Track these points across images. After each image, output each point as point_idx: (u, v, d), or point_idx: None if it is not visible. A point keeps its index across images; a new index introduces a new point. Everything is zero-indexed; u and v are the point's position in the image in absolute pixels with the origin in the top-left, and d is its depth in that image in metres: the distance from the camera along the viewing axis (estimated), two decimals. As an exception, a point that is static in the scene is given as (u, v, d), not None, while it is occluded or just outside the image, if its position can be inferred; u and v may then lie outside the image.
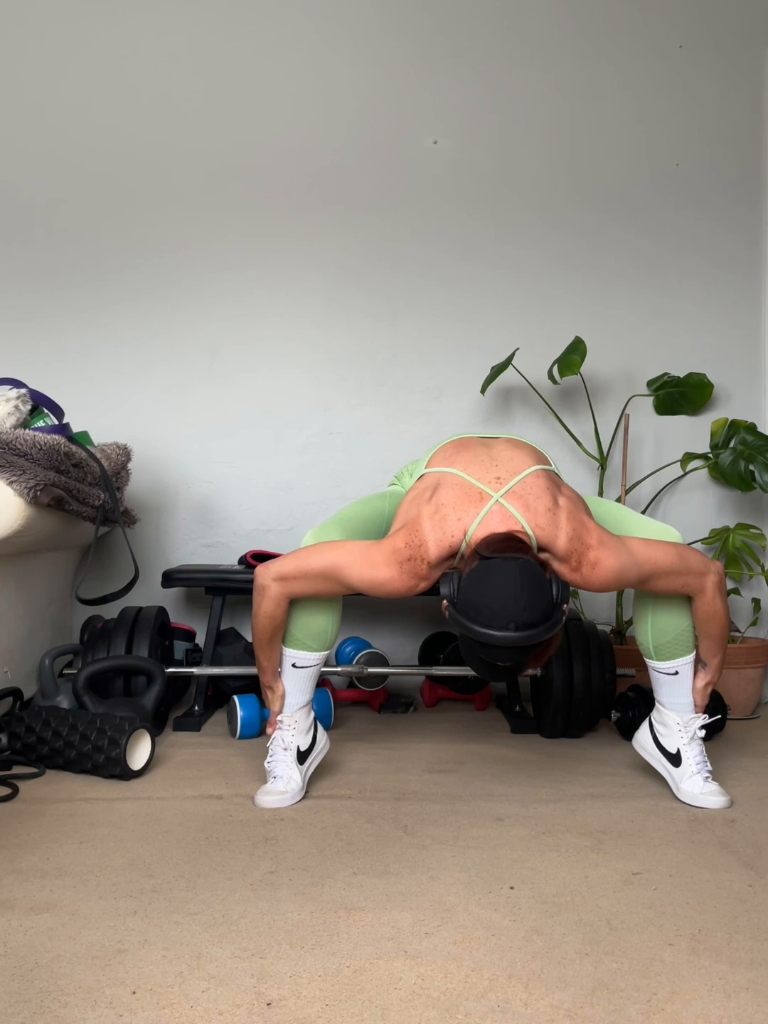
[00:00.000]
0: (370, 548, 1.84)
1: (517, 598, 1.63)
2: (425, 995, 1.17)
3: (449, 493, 1.85)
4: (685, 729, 2.00)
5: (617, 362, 3.21)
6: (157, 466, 3.17)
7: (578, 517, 1.84)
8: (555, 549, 1.81)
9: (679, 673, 2.00)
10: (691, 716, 2.01)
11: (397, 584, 1.83)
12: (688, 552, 1.90)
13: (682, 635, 1.99)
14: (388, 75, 3.22)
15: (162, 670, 2.43)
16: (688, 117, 3.23)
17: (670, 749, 2.02)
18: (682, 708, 2.02)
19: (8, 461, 2.19)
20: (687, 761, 1.98)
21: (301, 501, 3.19)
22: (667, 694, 2.03)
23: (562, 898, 1.46)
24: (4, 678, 2.41)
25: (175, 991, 1.17)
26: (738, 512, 3.18)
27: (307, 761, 2.01)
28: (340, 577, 1.84)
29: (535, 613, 1.64)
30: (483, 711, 2.86)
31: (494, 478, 1.86)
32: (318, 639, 1.99)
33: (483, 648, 1.67)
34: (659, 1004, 1.15)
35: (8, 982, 1.19)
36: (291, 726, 2.00)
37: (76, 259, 3.18)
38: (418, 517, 1.84)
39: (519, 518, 1.81)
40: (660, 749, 2.04)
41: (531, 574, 1.66)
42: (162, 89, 3.20)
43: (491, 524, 1.80)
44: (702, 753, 1.99)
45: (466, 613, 1.67)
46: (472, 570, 1.70)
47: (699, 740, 2.01)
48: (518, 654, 1.66)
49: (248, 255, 3.20)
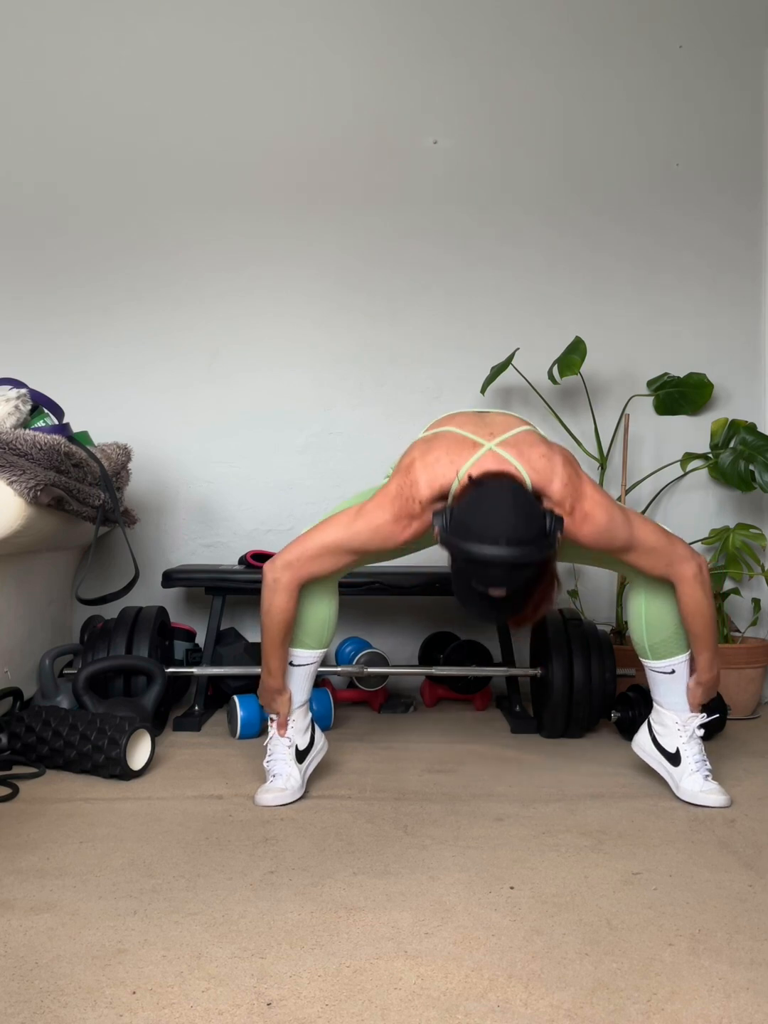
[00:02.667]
0: (363, 503, 1.86)
1: (508, 517, 1.62)
2: (425, 995, 1.17)
3: (443, 442, 1.85)
4: (684, 728, 2.00)
5: (617, 362, 3.21)
6: (157, 466, 3.17)
7: (573, 468, 1.84)
8: (550, 493, 1.80)
9: (675, 672, 2.01)
10: (689, 715, 2.01)
11: (392, 526, 1.81)
12: (676, 539, 1.91)
13: (676, 633, 1.99)
14: (388, 75, 3.22)
15: (162, 670, 2.43)
16: (688, 117, 3.23)
17: (669, 749, 2.02)
18: (680, 707, 2.02)
19: (8, 461, 2.19)
20: (686, 760, 1.98)
21: (301, 501, 3.19)
22: (664, 693, 2.03)
23: (562, 898, 1.46)
24: (4, 678, 2.41)
25: (175, 991, 1.17)
26: (738, 512, 3.18)
27: (306, 760, 2.01)
28: (344, 545, 1.84)
29: (527, 532, 1.62)
30: (483, 711, 2.86)
31: (488, 432, 1.86)
32: (315, 636, 2.00)
33: (475, 569, 1.64)
34: (659, 1004, 1.15)
35: (8, 982, 1.19)
36: (290, 725, 2.01)
37: (76, 260, 3.18)
38: (411, 463, 1.85)
39: (513, 462, 1.80)
40: (659, 749, 2.04)
41: (525, 498, 1.67)
42: (162, 91, 3.20)
43: (485, 465, 1.79)
44: (701, 752, 2.00)
45: (457, 532, 1.65)
46: (465, 495, 1.70)
47: (698, 739, 2.01)
48: (509, 576, 1.63)
49: (248, 255, 3.20)
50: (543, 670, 2.50)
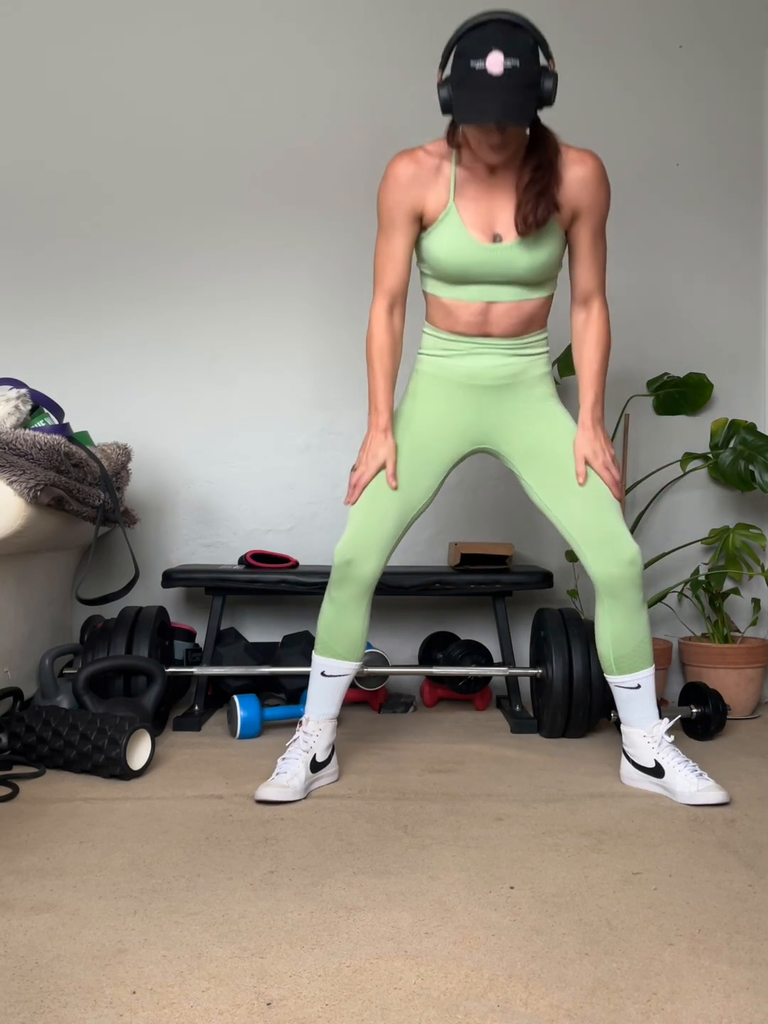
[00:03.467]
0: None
1: (505, 32, 1.71)
2: (425, 995, 1.17)
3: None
4: (652, 737, 2.02)
5: (617, 362, 3.20)
6: (157, 466, 3.18)
7: None
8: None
9: (641, 687, 2.03)
10: (653, 724, 2.03)
11: (410, 166, 1.94)
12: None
13: (641, 645, 2.02)
14: (387, 77, 3.22)
15: (162, 670, 2.43)
16: (688, 117, 3.23)
17: (648, 764, 2.02)
18: (644, 721, 2.04)
19: (8, 461, 2.19)
20: (668, 765, 1.98)
21: (301, 501, 3.19)
22: (631, 711, 2.05)
23: (562, 898, 1.46)
24: (4, 678, 2.41)
25: (175, 991, 1.17)
26: (738, 512, 3.18)
27: (318, 772, 2.03)
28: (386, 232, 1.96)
29: (522, 50, 1.72)
30: (483, 711, 2.86)
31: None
32: (349, 647, 2.03)
33: (470, 43, 1.71)
34: (659, 1004, 1.15)
35: (8, 982, 1.19)
36: (315, 733, 2.03)
37: (77, 261, 3.18)
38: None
39: None
40: (640, 769, 2.04)
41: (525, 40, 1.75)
42: (162, 94, 3.19)
43: None
44: (680, 754, 2.00)
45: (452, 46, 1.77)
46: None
47: (670, 744, 2.01)
48: (508, 38, 1.70)
49: (248, 256, 3.20)
50: (543, 670, 2.50)
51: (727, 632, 2.88)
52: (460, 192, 1.92)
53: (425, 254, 1.99)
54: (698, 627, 3.14)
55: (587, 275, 2.02)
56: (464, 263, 1.92)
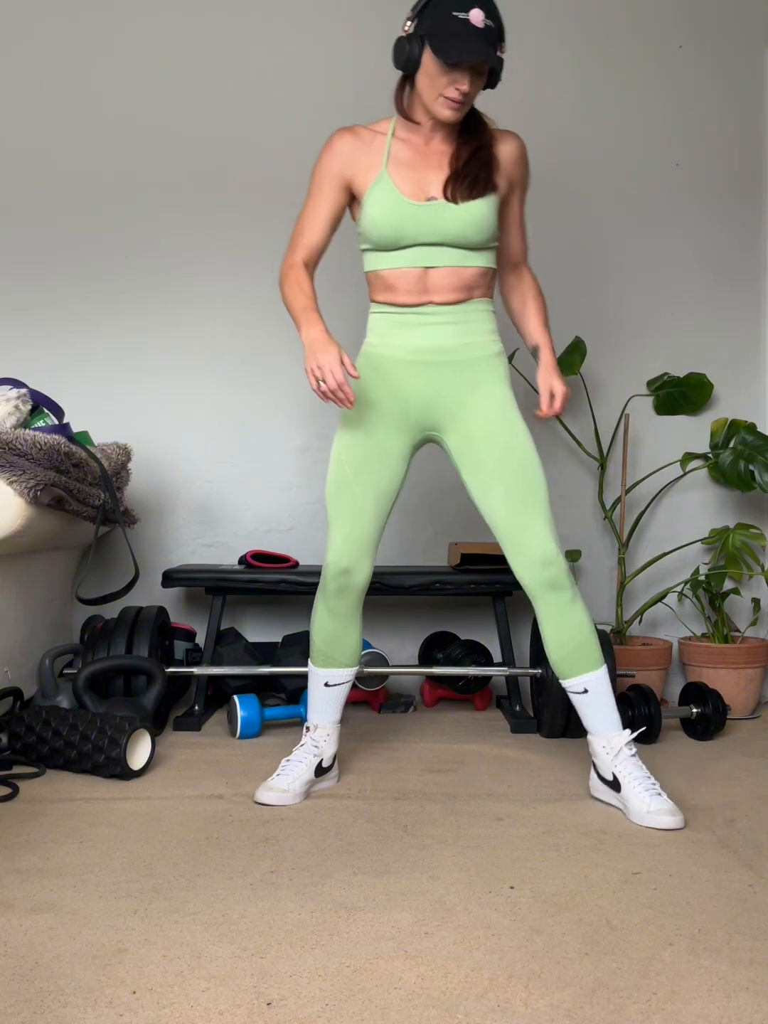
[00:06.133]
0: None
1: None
2: (425, 995, 1.17)
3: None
4: (610, 749, 1.90)
5: (617, 362, 3.21)
6: (157, 466, 3.18)
7: None
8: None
9: (588, 691, 1.91)
10: (614, 734, 1.91)
11: (346, 136, 1.97)
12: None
13: (581, 647, 1.90)
14: (387, 77, 3.21)
15: (162, 670, 2.43)
16: (688, 117, 3.23)
17: (607, 776, 1.91)
18: (603, 729, 1.92)
19: (8, 461, 2.19)
20: (624, 780, 1.86)
21: (301, 501, 3.19)
22: (586, 717, 1.94)
23: (562, 898, 1.46)
24: (4, 678, 2.41)
25: (175, 991, 1.17)
26: (738, 512, 3.18)
27: (321, 776, 2.03)
28: (314, 195, 2.01)
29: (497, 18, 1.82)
30: (483, 711, 2.86)
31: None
32: (351, 654, 2.05)
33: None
34: (659, 1004, 1.15)
35: (8, 982, 1.19)
36: (324, 738, 2.04)
37: (77, 261, 3.18)
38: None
39: None
40: (604, 782, 1.93)
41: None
42: (162, 90, 3.19)
43: None
44: (640, 768, 1.88)
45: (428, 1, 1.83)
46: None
47: (631, 757, 1.89)
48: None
49: (249, 256, 3.20)
50: (543, 670, 2.50)
51: (727, 632, 2.88)
52: (393, 160, 1.94)
53: (362, 220, 1.98)
54: (698, 627, 3.14)
55: (517, 241, 2.10)
56: (398, 220, 1.91)
